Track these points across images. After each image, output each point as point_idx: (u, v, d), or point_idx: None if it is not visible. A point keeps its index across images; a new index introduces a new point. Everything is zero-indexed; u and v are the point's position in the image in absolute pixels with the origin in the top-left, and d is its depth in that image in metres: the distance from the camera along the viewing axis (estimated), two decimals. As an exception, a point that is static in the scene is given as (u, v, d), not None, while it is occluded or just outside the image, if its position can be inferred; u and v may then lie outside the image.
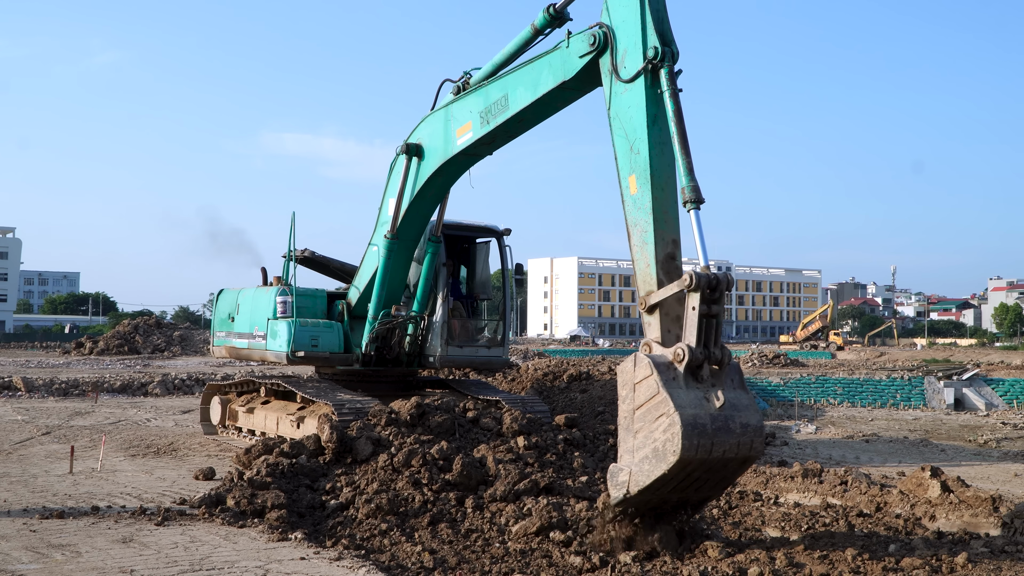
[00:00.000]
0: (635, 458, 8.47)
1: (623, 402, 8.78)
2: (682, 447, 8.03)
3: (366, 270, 15.26)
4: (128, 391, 28.85)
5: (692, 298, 8.56)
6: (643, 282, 9.31)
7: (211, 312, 19.04)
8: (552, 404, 19.07)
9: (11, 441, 16.85)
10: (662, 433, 8.24)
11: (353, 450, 12.24)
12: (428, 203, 14.48)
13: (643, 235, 9.35)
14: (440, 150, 13.40)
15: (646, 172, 9.41)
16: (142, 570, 8.01)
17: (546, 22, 11.40)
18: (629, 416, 8.62)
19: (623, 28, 9.86)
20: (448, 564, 8.57)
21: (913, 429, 23.66)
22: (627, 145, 9.66)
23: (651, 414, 8.40)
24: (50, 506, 10.68)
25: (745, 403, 8.70)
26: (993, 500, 10.10)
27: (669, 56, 9.49)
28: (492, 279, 17.34)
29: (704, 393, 8.46)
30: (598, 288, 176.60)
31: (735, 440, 8.36)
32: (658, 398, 8.33)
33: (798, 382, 40.75)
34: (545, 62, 11.05)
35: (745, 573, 8.17)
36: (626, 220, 9.61)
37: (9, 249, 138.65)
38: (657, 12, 9.67)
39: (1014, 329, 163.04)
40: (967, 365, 58.38)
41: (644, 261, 9.31)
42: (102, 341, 49.55)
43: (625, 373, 8.76)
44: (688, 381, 8.47)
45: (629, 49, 9.79)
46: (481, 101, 12.28)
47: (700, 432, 8.14)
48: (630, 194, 9.56)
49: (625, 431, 8.68)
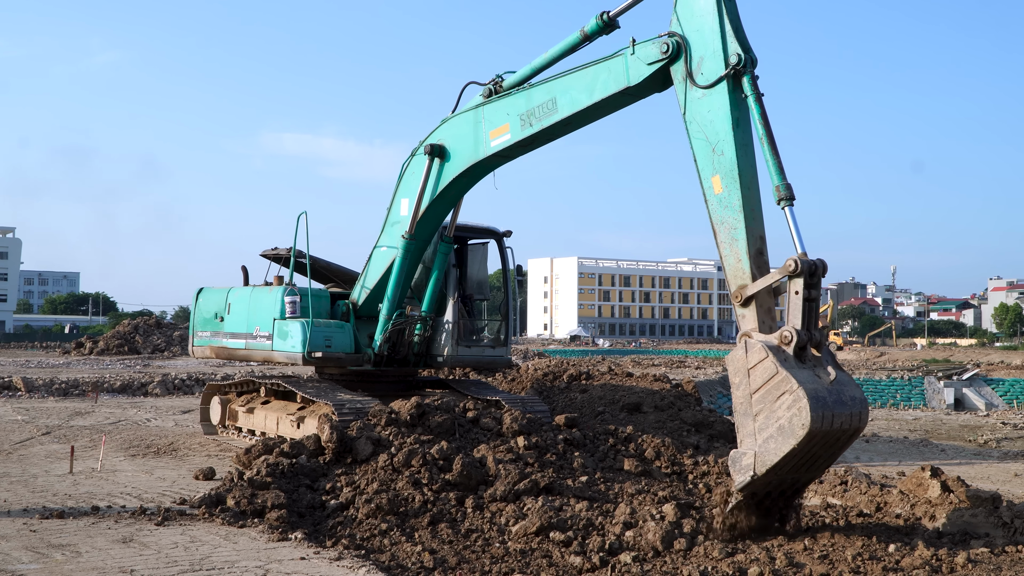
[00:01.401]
0: (759, 439, 8.77)
1: (737, 388, 9.08)
2: (811, 419, 8.39)
3: (376, 270, 15.19)
4: (128, 391, 28.85)
5: (795, 283, 9.01)
6: (734, 277, 9.68)
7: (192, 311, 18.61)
8: (552, 404, 19.05)
9: (11, 441, 16.85)
10: (787, 410, 8.57)
11: (353, 450, 12.24)
12: (447, 204, 14.53)
13: (732, 232, 9.76)
14: (468, 151, 13.43)
15: (733, 172, 9.87)
16: (142, 570, 8.01)
17: (598, 28, 11.72)
18: (746, 401, 8.93)
19: (698, 37, 10.30)
20: (448, 564, 8.57)
21: (913, 429, 23.66)
22: (709, 147, 10.12)
23: (771, 394, 8.71)
24: (50, 506, 10.68)
25: (847, 379, 9.09)
26: (993, 500, 10.09)
27: (750, 63, 10.03)
28: (491, 280, 17.35)
29: (813, 371, 8.87)
30: (598, 288, 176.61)
31: (848, 412, 8.76)
32: (778, 377, 8.67)
33: (798, 382, 40.63)
34: (604, 67, 11.27)
35: (745, 573, 8.17)
36: (711, 219, 10.03)
37: (9, 249, 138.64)
38: (735, 22, 10.16)
39: (1014, 329, 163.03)
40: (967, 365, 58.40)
41: (735, 256, 9.69)
42: (102, 341, 49.55)
43: (737, 361, 9.08)
44: (796, 362, 8.84)
45: (706, 56, 10.23)
46: (523, 103, 12.38)
47: (823, 404, 8.53)
48: (714, 194, 10.01)
49: (743, 416, 8.97)
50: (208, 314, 17.63)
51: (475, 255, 16.47)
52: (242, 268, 17.70)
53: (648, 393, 20.00)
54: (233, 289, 17.26)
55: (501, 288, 16.60)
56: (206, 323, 17.67)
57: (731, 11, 10.18)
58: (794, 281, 9.03)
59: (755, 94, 9.94)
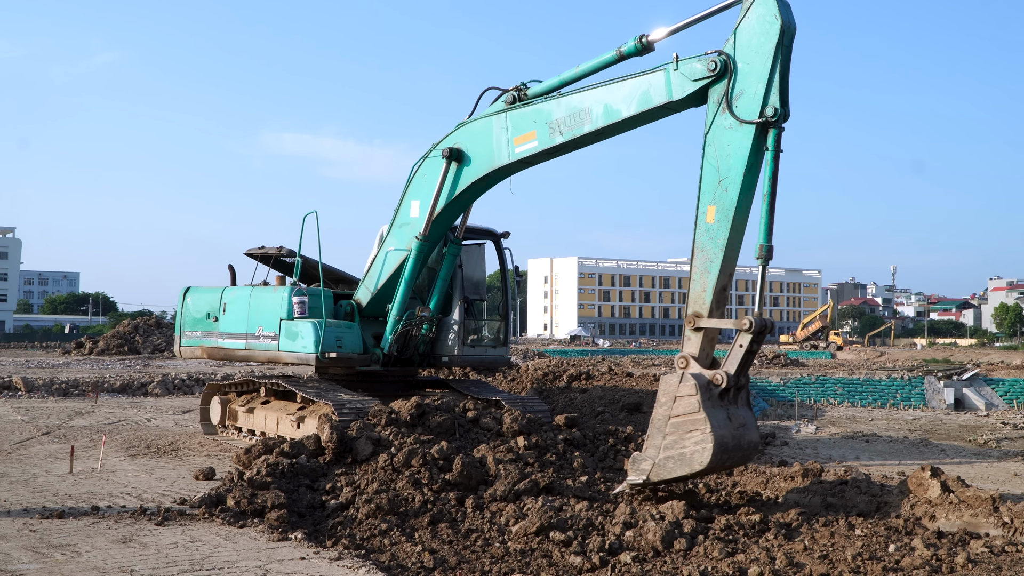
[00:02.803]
0: (661, 455, 10.26)
1: (660, 407, 10.38)
2: (710, 461, 9.98)
3: (384, 271, 15.14)
4: (128, 391, 28.83)
5: (744, 337, 10.31)
6: (694, 302, 10.68)
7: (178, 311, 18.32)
8: (552, 404, 19.07)
9: (11, 441, 16.85)
10: (694, 444, 10.06)
11: (353, 450, 12.24)
12: (461, 207, 14.58)
13: (707, 263, 10.58)
14: (489, 156, 13.43)
15: (729, 211, 10.46)
16: (142, 570, 8.01)
17: (635, 51, 11.83)
18: (664, 420, 10.30)
19: (747, 70, 10.49)
20: (448, 564, 8.57)
21: (913, 429, 23.67)
22: (716, 178, 10.57)
23: (686, 426, 10.12)
24: (50, 506, 10.68)
25: (750, 422, 10.72)
26: (993, 500, 10.08)
27: (782, 117, 10.33)
28: (488, 280, 17.35)
29: (727, 411, 10.34)
30: (598, 288, 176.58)
31: (742, 454, 10.63)
32: (697, 415, 10.07)
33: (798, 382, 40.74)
34: (644, 81, 11.40)
35: (745, 573, 8.18)
36: (694, 241, 10.71)
37: (9, 249, 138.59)
38: (784, 73, 10.38)
39: (1014, 329, 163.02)
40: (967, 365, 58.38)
41: (702, 285, 10.62)
42: (102, 341, 49.53)
43: (669, 385, 10.36)
44: (717, 401, 10.26)
45: (746, 91, 10.46)
46: (552, 112, 12.42)
47: (724, 449, 10.11)
48: (706, 222, 10.62)
49: (656, 430, 10.35)
50: (199, 314, 17.42)
51: (471, 256, 16.45)
52: (229, 267, 17.58)
53: (648, 393, 20.01)
54: (228, 288, 17.10)
55: (500, 289, 16.62)
56: (196, 323, 17.44)
57: (784, 63, 10.38)
58: (743, 335, 10.31)
59: (775, 151, 10.36)
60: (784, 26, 10.33)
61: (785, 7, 10.42)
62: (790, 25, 10.44)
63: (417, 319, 15.11)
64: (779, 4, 10.35)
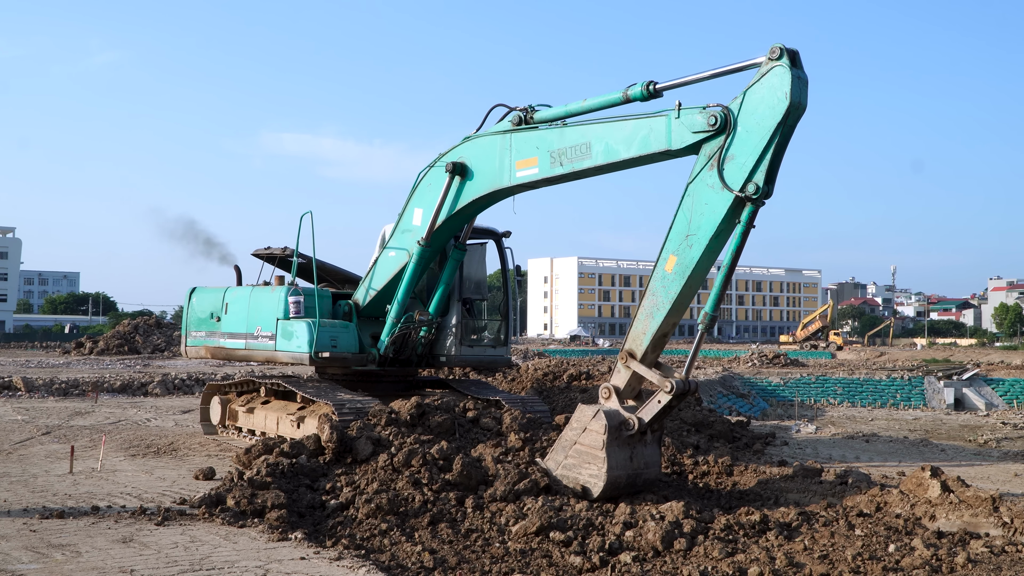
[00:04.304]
0: (559, 470, 11.14)
1: (570, 429, 11.11)
2: (597, 496, 10.64)
3: (384, 273, 15.13)
4: (128, 391, 28.83)
5: (664, 395, 10.67)
6: (633, 340, 11.01)
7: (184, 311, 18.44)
8: (552, 404, 19.05)
9: (11, 441, 16.85)
10: (588, 476, 10.79)
11: (353, 450, 12.24)
12: (464, 219, 14.42)
13: (654, 309, 10.80)
14: (492, 176, 13.20)
15: (688, 268, 10.50)
16: (142, 570, 8.01)
17: (641, 97, 11.43)
18: (570, 443, 11.06)
19: (744, 138, 10.28)
20: (448, 564, 8.57)
21: (913, 429, 23.67)
22: (686, 230, 10.56)
23: (587, 457, 10.83)
24: (50, 506, 10.67)
25: (655, 461, 11.37)
26: (993, 500, 10.09)
27: (763, 195, 10.18)
28: (489, 280, 17.35)
29: (632, 451, 10.93)
30: (598, 288, 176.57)
31: (635, 489, 11.10)
32: (598, 453, 10.70)
33: (798, 382, 40.74)
34: (646, 125, 11.11)
35: (745, 573, 8.18)
36: (648, 282, 10.86)
37: (9, 249, 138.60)
38: (779, 151, 10.18)
39: (1014, 329, 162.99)
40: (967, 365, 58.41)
41: (643, 328, 10.91)
42: (102, 341, 49.54)
43: (583, 414, 11.01)
44: (625, 440, 10.81)
45: (736, 159, 10.27)
46: (555, 141, 12.14)
47: (614, 488, 10.74)
48: (664, 270, 10.70)
49: (562, 447, 11.16)
50: (203, 314, 17.53)
51: (473, 255, 16.45)
52: (235, 268, 17.65)
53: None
54: (230, 289, 17.18)
55: (500, 288, 16.60)
56: (201, 323, 17.55)
57: (782, 142, 10.12)
58: (663, 394, 10.66)
59: (746, 227, 10.27)
60: (792, 107, 9.92)
61: (799, 85, 10.00)
62: (799, 105, 10.03)
63: (415, 322, 15.11)
64: (794, 81, 9.93)
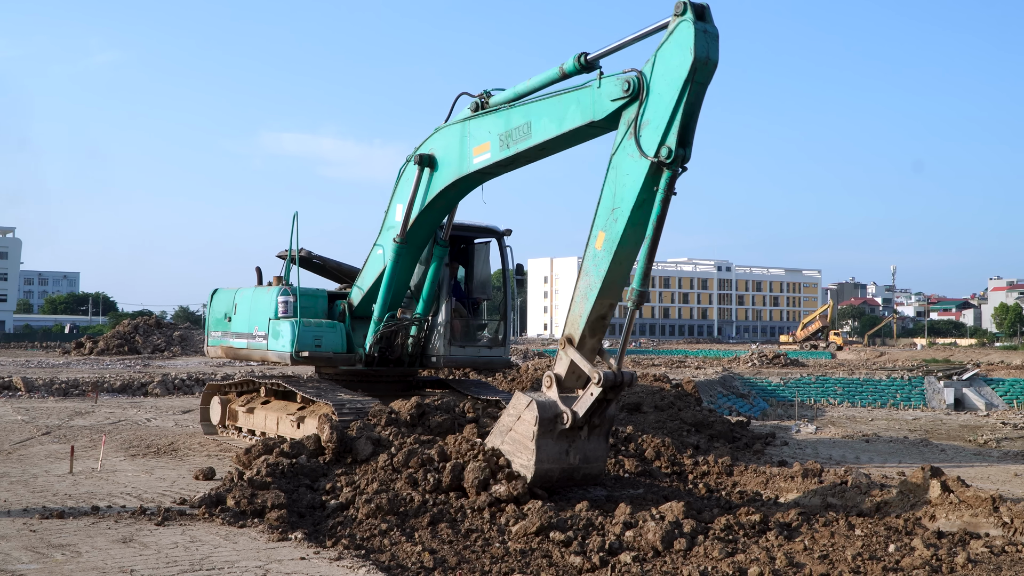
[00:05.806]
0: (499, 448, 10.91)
1: (507, 416, 10.91)
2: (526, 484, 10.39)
3: (370, 271, 15.20)
4: (128, 391, 28.84)
5: (595, 388, 10.17)
6: (571, 325, 10.62)
7: (206, 312, 18.90)
8: (552, 404, 19.03)
9: (11, 441, 16.84)
10: (519, 465, 10.59)
11: (353, 450, 12.24)
12: (438, 212, 14.36)
13: (587, 290, 10.38)
14: (455, 165, 13.18)
15: (614, 243, 10.05)
16: (142, 570, 8.01)
17: (575, 70, 11.18)
18: (506, 429, 10.87)
19: (656, 101, 9.77)
20: (448, 564, 8.56)
21: (913, 429, 23.67)
22: (611, 205, 10.13)
23: (519, 445, 10.64)
24: (50, 506, 10.67)
25: (598, 456, 10.91)
26: (993, 500, 10.08)
27: (679, 160, 9.60)
28: (492, 279, 17.32)
29: (568, 445, 10.56)
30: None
31: (573, 483, 10.99)
32: (528, 444, 10.47)
33: (798, 382, 40.73)
34: (573, 98, 10.85)
35: (745, 573, 8.17)
36: (582, 263, 10.47)
37: (9, 249, 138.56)
38: (691, 111, 9.60)
39: (1014, 329, 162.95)
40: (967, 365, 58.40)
41: (579, 312, 10.50)
42: (102, 341, 49.50)
43: (519, 403, 10.74)
44: (561, 434, 10.48)
45: (652, 122, 9.78)
46: (502, 124, 12.05)
47: (545, 480, 10.55)
48: (595, 248, 10.29)
49: (500, 432, 10.97)
50: (219, 314, 17.79)
51: (480, 254, 16.48)
52: (256, 269, 17.78)
53: (648, 393, 20.01)
54: (240, 290, 17.39)
55: (500, 288, 16.59)
56: (217, 323, 17.81)
57: (692, 100, 9.51)
58: (593, 386, 10.20)
59: (665, 195, 9.65)
60: (697, 61, 9.30)
61: (706, 40, 9.37)
62: (707, 60, 9.38)
63: (397, 321, 15.09)
64: (698, 35, 9.31)
